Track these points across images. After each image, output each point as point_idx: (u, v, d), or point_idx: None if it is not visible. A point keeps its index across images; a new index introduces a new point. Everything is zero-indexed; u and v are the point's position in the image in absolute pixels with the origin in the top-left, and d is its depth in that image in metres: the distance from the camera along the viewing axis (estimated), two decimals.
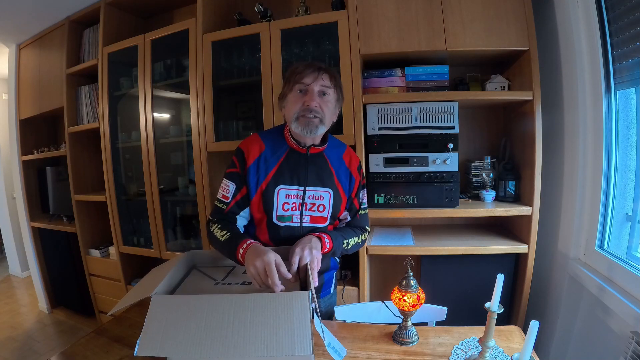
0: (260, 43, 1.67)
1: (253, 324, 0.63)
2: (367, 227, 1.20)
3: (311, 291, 0.69)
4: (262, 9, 1.77)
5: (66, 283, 2.78)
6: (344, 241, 1.07)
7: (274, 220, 1.05)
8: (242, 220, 1.09)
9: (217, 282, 0.87)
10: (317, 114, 0.99)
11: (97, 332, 1.01)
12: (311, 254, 0.90)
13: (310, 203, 1.06)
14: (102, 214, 2.37)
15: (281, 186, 1.04)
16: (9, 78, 2.85)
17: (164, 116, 2.15)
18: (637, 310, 1.02)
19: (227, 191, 1.05)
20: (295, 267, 0.85)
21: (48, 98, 2.50)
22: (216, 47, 1.79)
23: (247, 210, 1.08)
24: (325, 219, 1.09)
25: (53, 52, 2.45)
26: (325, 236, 1.00)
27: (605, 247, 1.33)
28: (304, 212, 1.06)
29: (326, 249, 0.98)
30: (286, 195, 1.04)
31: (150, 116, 1.98)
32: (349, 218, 1.18)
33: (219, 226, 1.01)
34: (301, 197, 1.05)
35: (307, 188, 1.05)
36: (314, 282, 0.83)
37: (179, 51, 1.93)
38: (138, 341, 0.63)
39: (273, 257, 0.82)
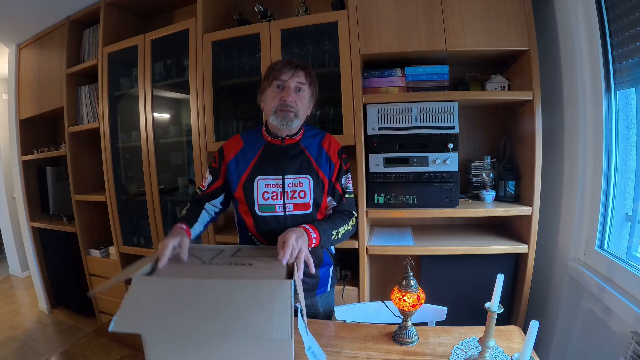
0: (260, 43, 1.67)
1: (232, 305, 0.61)
2: (353, 212, 1.20)
3: (294, 288, 0.68)
4: (262, 9, 1.77)
5: (66, 283, 2.78)
6: (333, 232, 1.08)
7: (257, 210, 1.11)
8: (211, 207, 1.21)
9: (205, 262, 0.87)
10: (293, 109, 1.07)
11: (97, 332, 1.01)
12: (297, 245, 0.90)
13: (290, 191, 1.12)
14: (102, 214, 2.37)
15: (260, 177, 1.12)
16: (9, 78, 2.85)
17: (164, 116, 2.15)
18: (637, 310, 1.03)
19: (206, 181, 1.19)
20: (286, 256, 0.86)
21: (48, 98, 2.50)
22: (216, 47, 1.80)
23: (216, 200, 1.19)
24: (307, 205, 1.13)
25: (53, 52, 2.45)
26: (312, 231, 1.00)
27: (605, 247, 1.33)
28: (286, 201, 1.11)
29: (313, 244, 0.99)
30: (265, 184, 1.11)
31: (150, 116, 1.98)
32: (334, 203, 1.19)
33: (187, 207, 1.19)
34: (281, 186, 1.11)
35: (286, 176, 1.12)
36: (300, 274, 0.83)
37: (179, 51, 1.93)
38: (114, 317, 0.62)
39: (172, 243, 0.89)
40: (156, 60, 1.99)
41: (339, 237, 1.11)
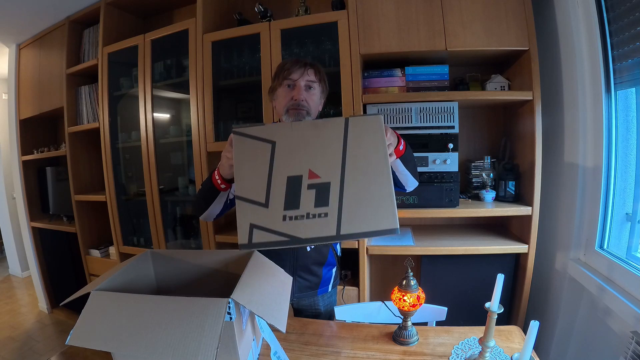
0: (260, 43, 1.67)
1: (169, 326, 0.64)
2: None
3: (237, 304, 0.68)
4: (262, 9, 1.77)
5: (66, 283, 2.78)
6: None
7: None
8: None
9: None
10: (304, 107, 1.08)
11: None
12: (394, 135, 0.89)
13: None
14: (102, 214, 2.37)
15: None
16: (9, 78, 2.84)
17: (164, 116, 2.15)
18: (637, 310, 1.02)
19: None
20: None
21: (48, 98, 2.49)
22: (216, 47, 1.79)
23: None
24: None
25: (53, 52, 2.45)
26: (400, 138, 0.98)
27: (605, 247, 1.33)
28: None
29: (402, 146, 0.96)
30: None
31: (150, 116, 1.98)
32: None
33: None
34: None
35: None
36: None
37: (179, 51, 1.93)
38: (71, 331, 0.69)
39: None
40: (156, 60, 1.99)
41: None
